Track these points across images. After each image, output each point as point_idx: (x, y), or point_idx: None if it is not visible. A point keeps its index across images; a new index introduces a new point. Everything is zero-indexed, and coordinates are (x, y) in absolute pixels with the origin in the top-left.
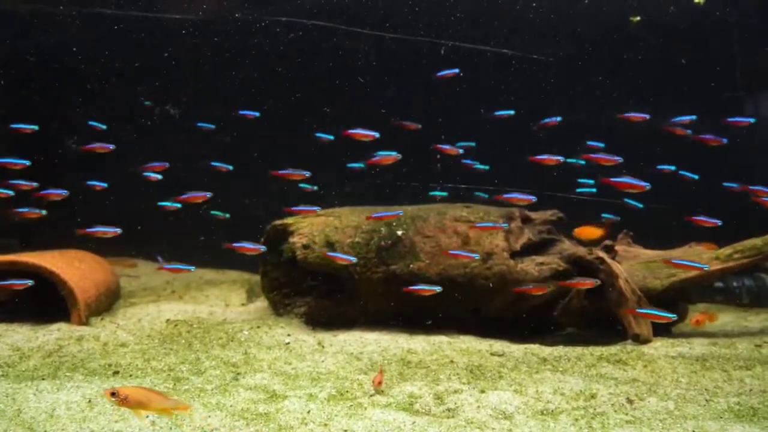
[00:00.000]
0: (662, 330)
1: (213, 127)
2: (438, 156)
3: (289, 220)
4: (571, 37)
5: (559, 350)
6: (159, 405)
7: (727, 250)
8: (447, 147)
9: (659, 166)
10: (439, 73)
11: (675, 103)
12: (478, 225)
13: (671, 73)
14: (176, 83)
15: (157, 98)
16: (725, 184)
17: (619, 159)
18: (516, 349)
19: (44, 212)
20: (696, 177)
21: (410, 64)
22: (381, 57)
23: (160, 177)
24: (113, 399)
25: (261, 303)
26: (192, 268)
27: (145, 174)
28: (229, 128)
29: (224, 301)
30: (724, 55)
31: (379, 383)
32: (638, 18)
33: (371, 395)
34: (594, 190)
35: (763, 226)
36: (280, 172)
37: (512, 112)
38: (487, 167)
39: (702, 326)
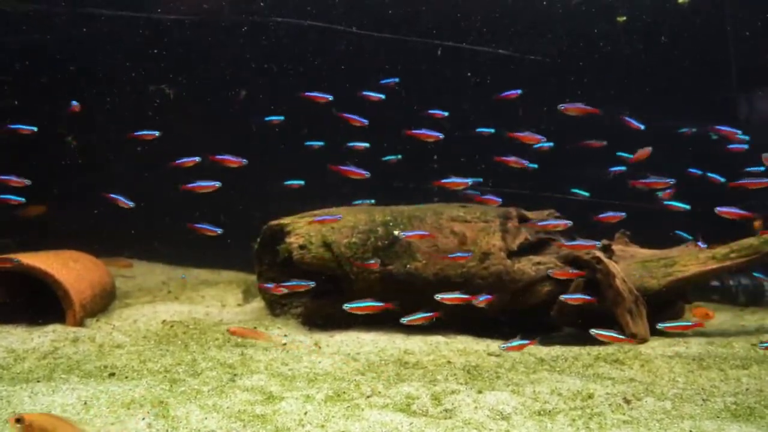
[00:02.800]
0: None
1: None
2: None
3: (285, 220)
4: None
5: (556, 350)
6: None
7: (723, 249)
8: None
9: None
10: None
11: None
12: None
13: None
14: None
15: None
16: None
17: None
18: None
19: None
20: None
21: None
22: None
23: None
24: None
25: (257, 303)
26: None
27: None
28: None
29: (220, 301)
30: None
31: (233, 333)
32: (625, 18)
33: (368, 396)
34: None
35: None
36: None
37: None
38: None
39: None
